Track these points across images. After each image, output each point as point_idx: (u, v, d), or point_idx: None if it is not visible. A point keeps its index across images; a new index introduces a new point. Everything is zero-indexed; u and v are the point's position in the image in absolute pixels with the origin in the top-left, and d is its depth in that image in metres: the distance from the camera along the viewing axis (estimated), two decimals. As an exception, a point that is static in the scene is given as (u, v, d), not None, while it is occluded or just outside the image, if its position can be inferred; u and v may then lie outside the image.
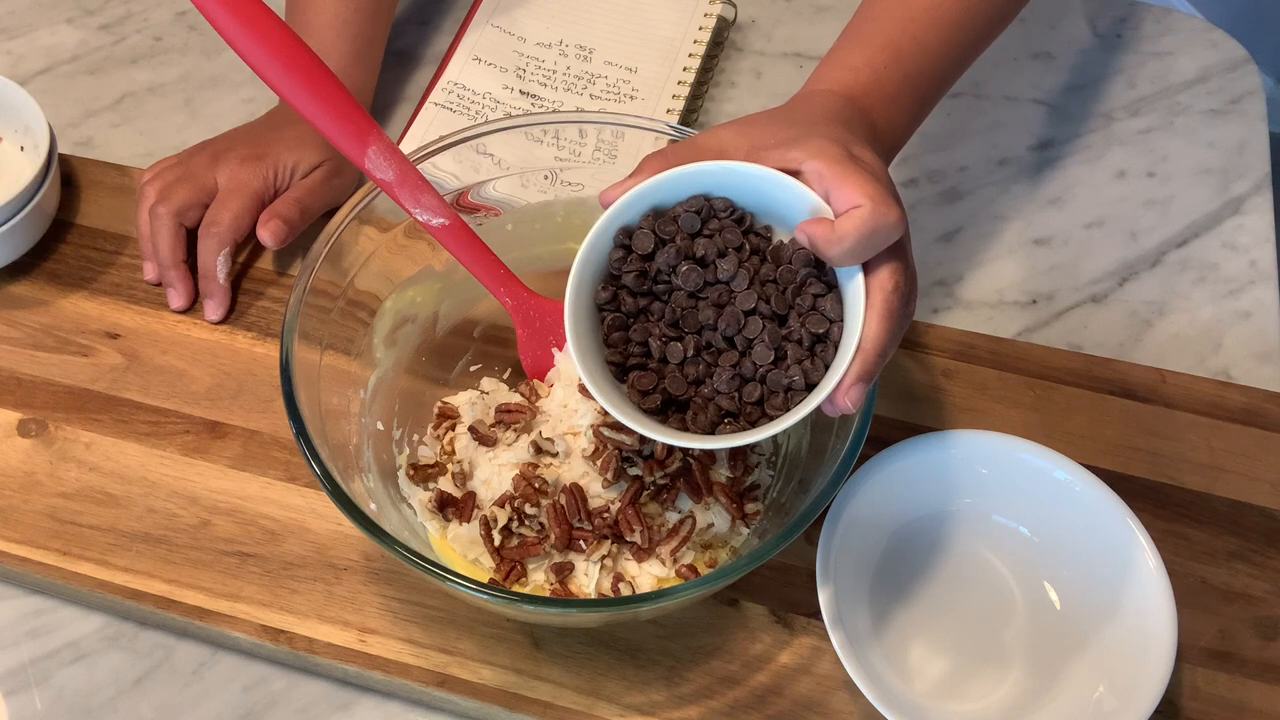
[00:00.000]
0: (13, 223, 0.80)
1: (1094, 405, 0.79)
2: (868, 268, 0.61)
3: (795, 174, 0.60)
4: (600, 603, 0.66)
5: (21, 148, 0.86)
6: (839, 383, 0.58)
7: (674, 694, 0.68)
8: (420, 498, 0.71)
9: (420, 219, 0.68)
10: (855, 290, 0.59)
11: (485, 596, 0.60)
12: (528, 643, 0.70)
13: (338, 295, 0.70)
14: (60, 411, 0.78)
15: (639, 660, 0.69)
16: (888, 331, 0.59)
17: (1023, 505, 0.71)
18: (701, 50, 0.96)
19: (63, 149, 0.89)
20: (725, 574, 0.61)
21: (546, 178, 0.79)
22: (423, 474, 0.72)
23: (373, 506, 0.67)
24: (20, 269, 0.84)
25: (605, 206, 0.61)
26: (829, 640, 0.65)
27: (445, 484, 0.72)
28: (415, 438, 0.74)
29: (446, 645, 0.70)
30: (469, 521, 0.69)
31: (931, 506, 0.71)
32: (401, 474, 0.72)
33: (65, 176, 0.88)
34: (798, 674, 0.69)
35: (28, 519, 0.74)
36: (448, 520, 0.70)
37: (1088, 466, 0.72)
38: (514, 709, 0.68)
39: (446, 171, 0.75)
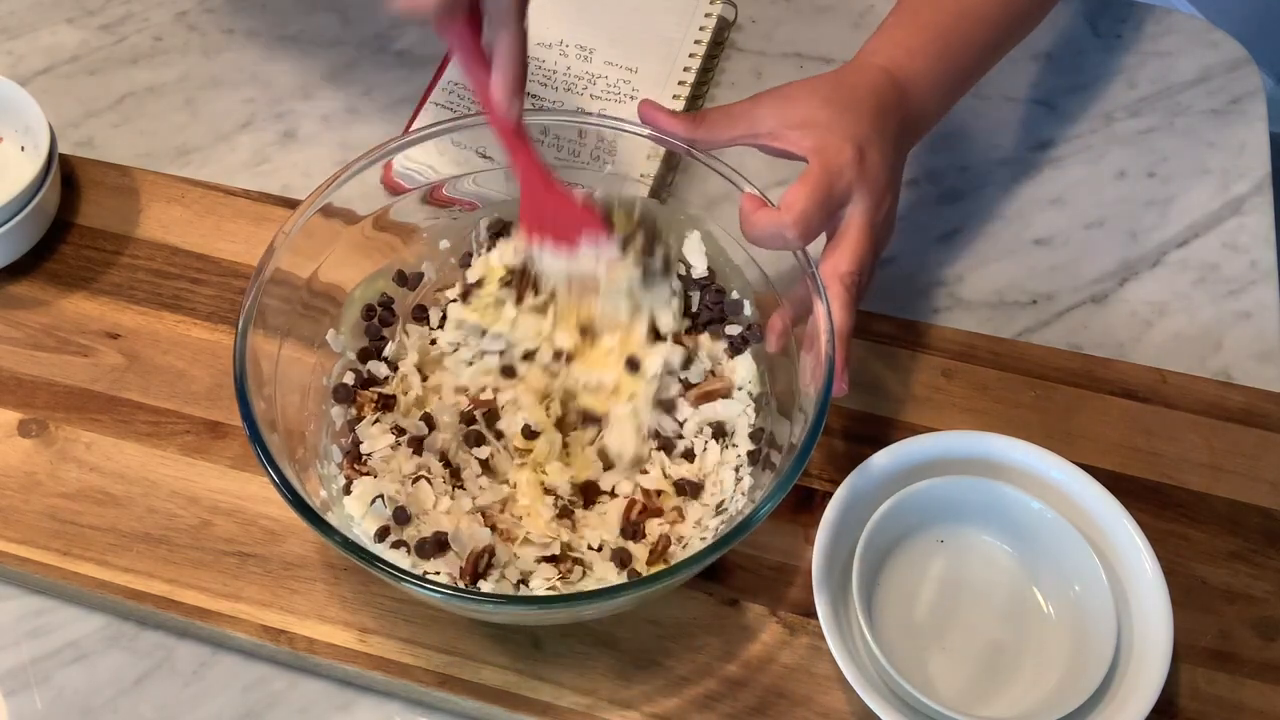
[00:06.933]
0: (13, 223, 0.80)
1: (1094, 405, 0.79)
2: (824, 253, 0.69)
3: (802, 159, 0.69)
4: (562, 599, 0.65)
5: (22, 148, 0.86)
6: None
7: (674, 694, 0.68)
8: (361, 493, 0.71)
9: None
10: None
11: (440, 596, 0.61)
12: (528, 643, 0.70)
13: (300, 286, 0.71)
14: (60, 411, 0.78)
15: (639, 660, 0.69)
16: (852, 318, 0.67)
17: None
18: (702, 50, 0.96)
19: (63, 149, 0.89)
20: (696, 561, 0.61)
21: None
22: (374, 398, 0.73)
23: (323, 494, 0.67)
24: (20, 269, 0.84)
25: None
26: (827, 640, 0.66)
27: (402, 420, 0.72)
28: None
29: (446, 645, 0.70)
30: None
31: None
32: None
33: (65, 176, 0.88)
34: (796, 673, 0.69)
35: (28, 519, 0.74)
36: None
37: (1088, 467, 0.72)
38: (514, 709, 0.68)
39: (421, 163, 0.76)
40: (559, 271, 0.72)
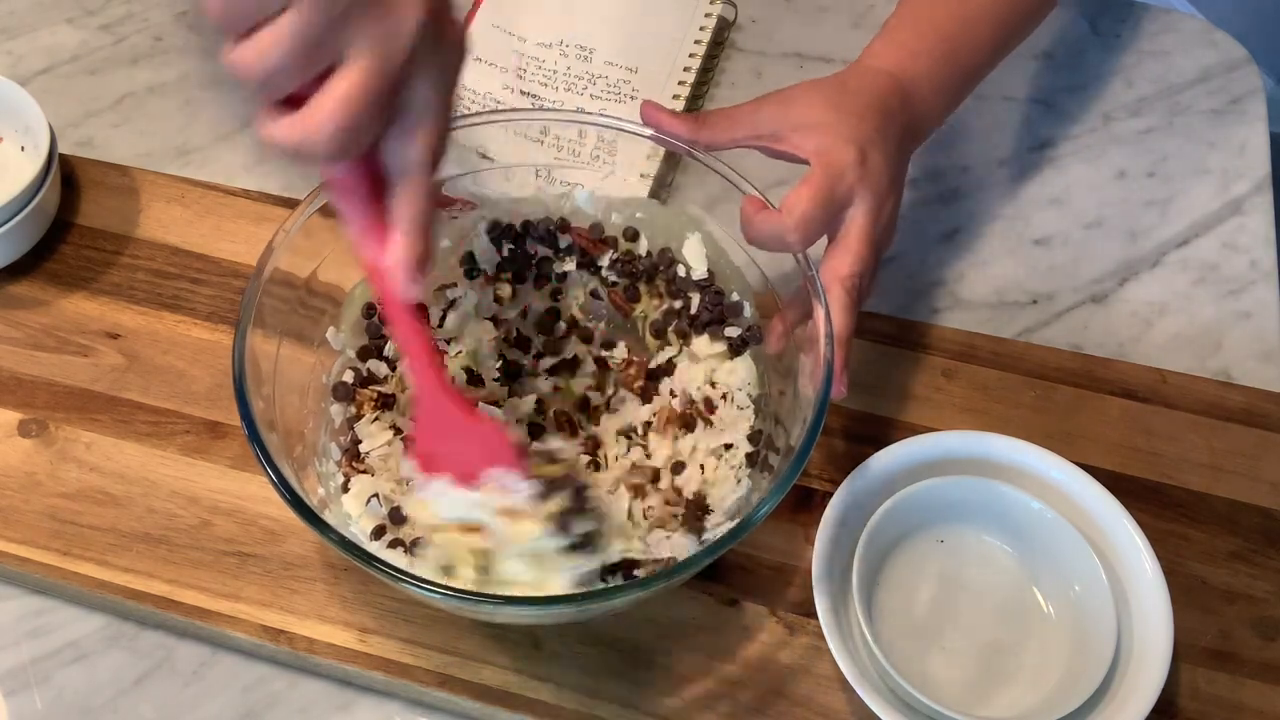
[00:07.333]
0: (13, 223, 0.80)
1: (1094, 405, 0.79)
2: (825, 256, 0.68)
3: (804, 161, 0.69)
4: (561, 599, 0.63)
5: (22, 148, 0.86)
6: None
7: (674, 694, 0.68)
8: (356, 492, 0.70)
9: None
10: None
11: (438, 596, 0.60)
12: (528, 643, 0.70)
13: (299, 285, 0.71)
14: (61, 411, 0.78)
15: (639, 660, 0.69)
16: (852, 321, 0.67)
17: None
18: (702, 50, 0.96)
19: (63, 149, 0.89)
20: (695, 561, 0.61)
21: (538, 174, 0.79)
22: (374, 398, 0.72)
23: (321, 491, 0.67)
24: (20, 269, 0.84)
25: None
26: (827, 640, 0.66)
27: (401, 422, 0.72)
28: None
29: (446, 645, 0.70)
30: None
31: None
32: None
33: (65, 176, 0.88)
34: (797, 674, 0.69)
35: (28, 519, 0.74)
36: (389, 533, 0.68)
37: (1087, 467, 0.72)
38: (514, 709, 0.68)
39: None
40: (450, 513, 0.62)
